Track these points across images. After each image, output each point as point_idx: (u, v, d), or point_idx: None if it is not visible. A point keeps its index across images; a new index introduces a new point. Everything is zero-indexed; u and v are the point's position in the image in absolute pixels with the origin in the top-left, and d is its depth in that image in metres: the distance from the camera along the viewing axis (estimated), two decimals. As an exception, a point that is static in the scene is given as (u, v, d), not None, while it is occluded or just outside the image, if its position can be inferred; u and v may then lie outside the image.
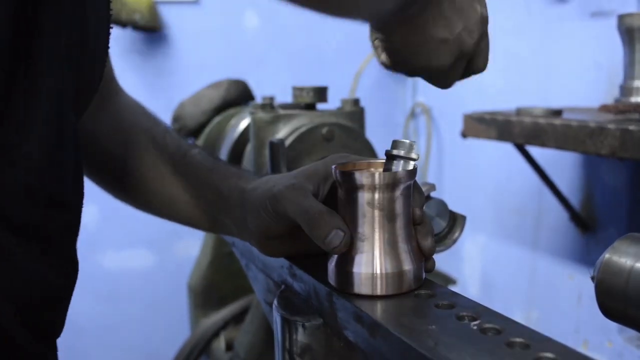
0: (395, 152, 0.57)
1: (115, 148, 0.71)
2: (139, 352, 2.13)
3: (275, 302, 0.63)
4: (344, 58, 2.25)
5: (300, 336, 0.59)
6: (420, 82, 2.34)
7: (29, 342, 0.49)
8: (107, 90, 0.72)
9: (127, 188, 0.74)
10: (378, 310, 0.50)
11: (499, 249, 1.87)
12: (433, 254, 0.57)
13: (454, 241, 0.77)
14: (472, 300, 0.52)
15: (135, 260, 2.10)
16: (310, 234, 0.54)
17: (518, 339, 0.43)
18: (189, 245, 2.08)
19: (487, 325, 0.46)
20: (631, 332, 1.42)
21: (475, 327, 0.46)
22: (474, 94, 1.89)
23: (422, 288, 0.55)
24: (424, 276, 0.56)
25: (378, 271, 0.53)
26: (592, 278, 0.51)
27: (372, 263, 0.53)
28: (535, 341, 0.43)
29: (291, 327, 0.59)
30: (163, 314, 2.12)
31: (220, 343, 1.37)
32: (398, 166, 0.56)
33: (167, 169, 0.70)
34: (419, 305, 0.51)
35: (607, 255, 0.50)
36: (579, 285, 1.57)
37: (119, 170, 0.72)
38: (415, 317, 0.48)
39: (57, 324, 0.53)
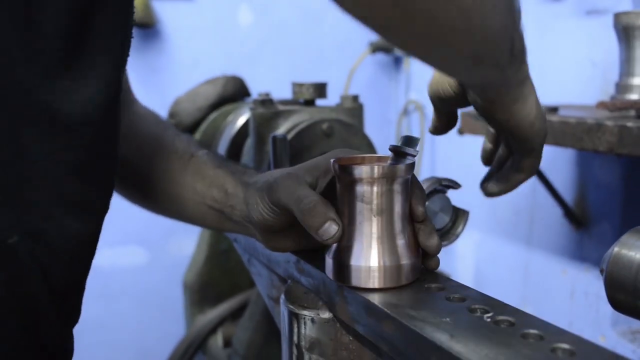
0: (403, 148, 0.57)
1: (127, 153, 0.73)
2: (132, 350, 2.12)
3: (282, 296, 0.63)
4: (338, 55, 2.25)
5: (309, 330, 0.59)
6: (413, 79, 2.35)
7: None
8: (123, 101, 0.74)
9: (137, 189, 0.77)
10: (390, 304, 0.50)
11: (492, 245, 1.88)
12: (439, 252, 0.57)
13: (457, 236, 0.78)
14: (482, 293, 0.53)
15: (128, 257, 2.09)
16: (303, 223, 0.55)
17: (532, 331, 0.44)
18: (183, 242, 2.07)
19: (500, 318, 0.47)
20: (624, 326, 1.44)
21: (488, 320, 0.46)
22: (467, 91, 1.90)
23: (432, 281, 0.55)
24: (420, 268, 0.57)
25: (376, 264, 0.53)
26: (601, 271, 0.52)
27: (370, 256, 0.54)
28: (549, 332, 0.44)
29: (300, 321, 0.59)
30: (157, 311, 2.11)
31: (218, 340, 1.37)
32: (405, 162, 0.56)
33: (175, 170, 0.72)
34: (430, 299, 0.52)
35: (616, 249, 0.51)
36: (573, 281, 1.59)
37: (130, 173, 0.74)
38: (428, 311, 0.49)
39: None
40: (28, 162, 0.47)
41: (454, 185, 0.74)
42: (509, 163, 0.71)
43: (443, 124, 0.69)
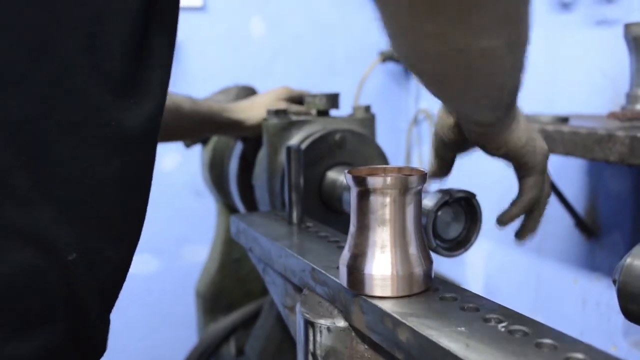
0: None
1: None
2: (144, 358, 2.13)
3: (298, 305, 0.64)
4: (348, 64, 2.27)
5: (325, 339, 0.60)
6: (423, 89, 2.35)
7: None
8: None
9: None
10: (406, 313, 0.51)
11: (503, 255, 1.88)
12: None
13: (471, 244, 0.79)
14: (495, 302, 0.53)
15: (140, 265, 2.11)
16: None
17: (546, 340, 0.45)
18: (195, 250, 2.08)
19: (515, 327, 0.47)
20: (636, 336, 1.43)
21: (503, 329, 0.47)
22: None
23: (446, 291, 0.56)
24: (432, 276, 0.58)
25: (389, 273, 0.55)
26: (614, 281, 0.53)
27: (383, 265, 0.55)
28: (563, 342, 0.44)
29: (315, 330, 0.60)
30: (169, 319, 2.12)
31: (230, 348, 1.38)
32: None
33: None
34: (445, 308, 0.52)
35: (628, 260, 0.52)
36: (584, 290, 1.58)
37: None
38: (443, 320, 0.49)
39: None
40: (93, 180, 0.49)
41: (468, 194, 0.75)
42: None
43: (443, 169, 0.78)
